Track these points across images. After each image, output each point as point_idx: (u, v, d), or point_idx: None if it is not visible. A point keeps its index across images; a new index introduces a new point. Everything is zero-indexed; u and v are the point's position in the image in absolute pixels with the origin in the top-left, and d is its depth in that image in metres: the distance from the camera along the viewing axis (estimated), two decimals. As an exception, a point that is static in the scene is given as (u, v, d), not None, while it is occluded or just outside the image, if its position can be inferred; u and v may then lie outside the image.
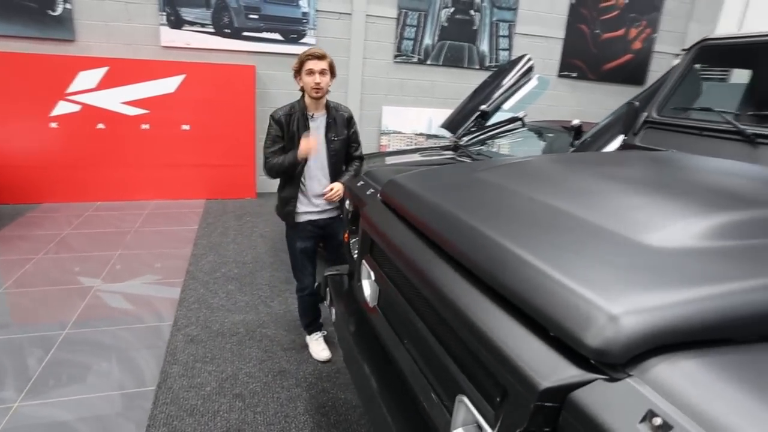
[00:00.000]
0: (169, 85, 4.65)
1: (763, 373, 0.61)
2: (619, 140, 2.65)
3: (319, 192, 2.29)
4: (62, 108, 4.46)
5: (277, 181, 2.38)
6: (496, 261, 0.86)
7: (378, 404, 1.24)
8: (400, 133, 5.86)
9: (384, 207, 1.48)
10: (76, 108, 4.49)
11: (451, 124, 4.00)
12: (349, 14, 5.20)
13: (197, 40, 4.81)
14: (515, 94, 3.79)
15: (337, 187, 2.27)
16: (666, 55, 6.62)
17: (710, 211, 1.00)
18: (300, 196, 2.30)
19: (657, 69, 6.57)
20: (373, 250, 1.48)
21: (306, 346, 2.54)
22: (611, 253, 0.85)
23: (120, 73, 4.51)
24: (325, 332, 2.57)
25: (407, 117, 5.84)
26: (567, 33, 6.11)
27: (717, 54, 2.22)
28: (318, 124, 2.24)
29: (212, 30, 4.84)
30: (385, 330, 1.35)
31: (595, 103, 6.47)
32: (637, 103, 2.36)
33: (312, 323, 2.52)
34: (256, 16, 4.91)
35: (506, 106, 3.85)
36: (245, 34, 4.94)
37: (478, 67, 5.84)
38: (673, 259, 0.82)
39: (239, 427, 1.96)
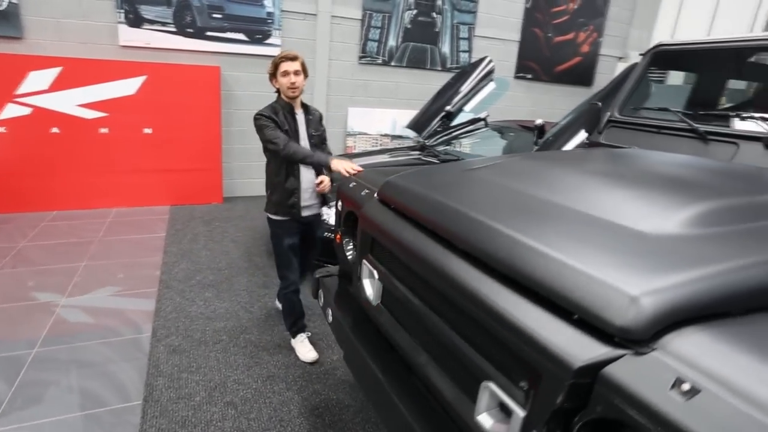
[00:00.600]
0: (129, 86, 4.44)
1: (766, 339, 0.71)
2: (580, 137, 2.82)
3: (305, 187, 2.37)
4: (11, 111, 4.16)
5: (263, 180, 2.42)
6: (520, 254, 0.93)
7: (391, 400, 1.28)
8: (365, 134, 5.91)
9: (384, 207, 1.52)
10: (27, 111, 4.20)
11: (417, 125, 4.09)
12: (314, 15, 5.18)
13: (158, 40, 4.61)
14: (477, 95, 3.93)
15: (327, 178, 2.38)
16: (610, 58, 7.05)
17: (688, 202, 1.12)
18: None
19: (603, 71, 7.00)
20: (374, 249, 1.52)
21: (292, 349, 2.53)
22: (616, 241, 0.94)
23: (75, 73, 4.26)
24: (309, 333, 2.58)
25: (372, 118, 5.90)
26: (522, 36, 6.38)
27: (670, 58, 2.42)
28: (299, 120, 2.35)
29: (174, 29, 4.66)
30: (392, 326, 1.39)
31: (548, 103, 6.79)
32: (599, 104, 2.52)
33: (296, 323, 2.53)
34: (219, 16, 4.78)
35: (468, 107, 3.99)
36: (209, 34, 4.80)
37: (440, 68, 5.99)
38: (671, 245, 0.92)
39: (235, 434, 1.94)
